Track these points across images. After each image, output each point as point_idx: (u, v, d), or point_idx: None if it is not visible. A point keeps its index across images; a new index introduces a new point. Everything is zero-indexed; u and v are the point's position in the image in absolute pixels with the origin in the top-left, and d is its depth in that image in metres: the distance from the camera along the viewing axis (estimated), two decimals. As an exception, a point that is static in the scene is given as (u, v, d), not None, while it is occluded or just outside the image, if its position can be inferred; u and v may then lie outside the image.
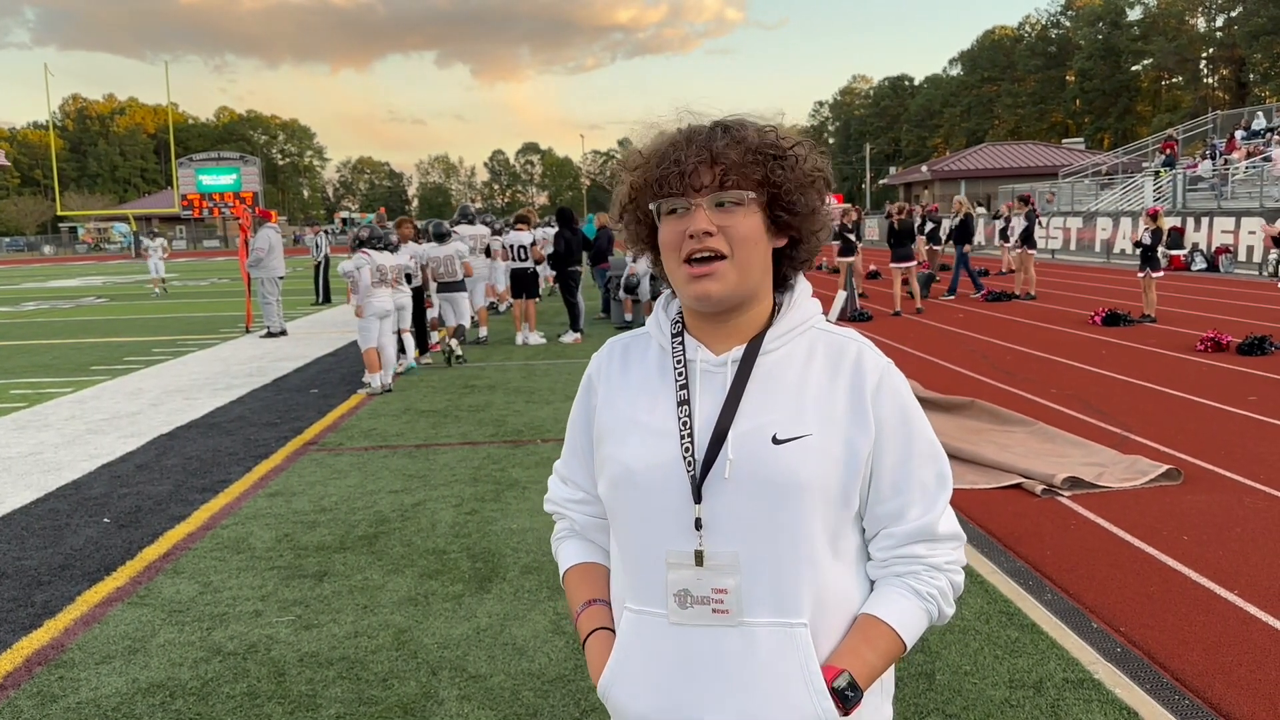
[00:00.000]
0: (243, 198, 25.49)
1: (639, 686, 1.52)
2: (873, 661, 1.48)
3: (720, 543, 1.46)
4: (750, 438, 1.46)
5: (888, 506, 1.50)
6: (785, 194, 1.47)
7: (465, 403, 9.90)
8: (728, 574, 1.45)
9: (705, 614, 1.47)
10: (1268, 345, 11.25)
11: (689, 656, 1.48)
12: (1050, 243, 31.59)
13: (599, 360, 1.68)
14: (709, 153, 1.44)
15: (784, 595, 1.45)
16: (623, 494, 1.54)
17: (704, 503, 1.46)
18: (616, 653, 1.55)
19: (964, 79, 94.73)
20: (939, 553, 1.51)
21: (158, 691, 3.91)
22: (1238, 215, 24.03)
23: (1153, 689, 3.72)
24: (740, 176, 1.45)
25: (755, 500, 1.45)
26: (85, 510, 6.50)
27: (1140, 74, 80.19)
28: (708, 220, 1.44)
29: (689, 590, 1.47)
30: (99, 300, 26.68)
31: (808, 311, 1.56)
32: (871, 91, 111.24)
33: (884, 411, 1.49)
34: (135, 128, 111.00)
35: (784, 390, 1.49)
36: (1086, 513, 5.82)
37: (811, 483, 1.44)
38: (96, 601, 4.89)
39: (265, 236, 16.32)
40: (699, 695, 1.48)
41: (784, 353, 1.52)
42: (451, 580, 5.01)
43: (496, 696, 3.78)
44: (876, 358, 1.52)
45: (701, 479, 1.46)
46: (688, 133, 1.48)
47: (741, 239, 1.45)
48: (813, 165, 1.51)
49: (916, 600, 1.50)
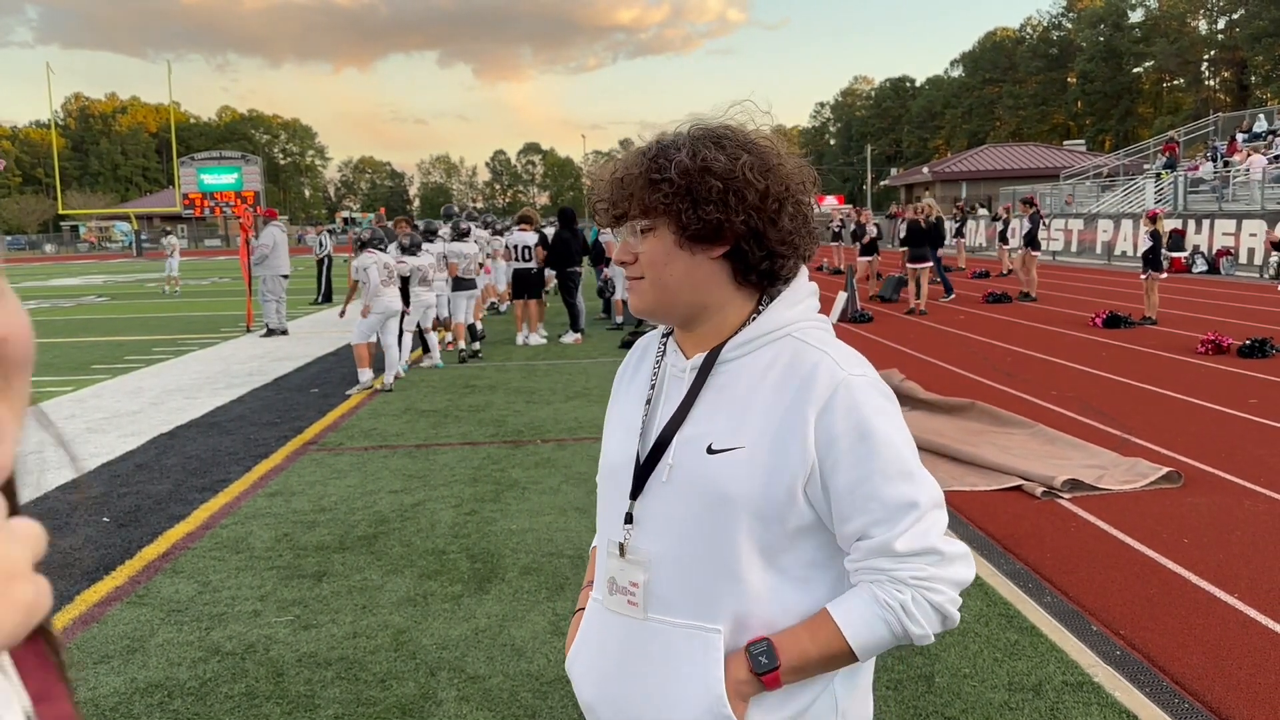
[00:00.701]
0: (244, 197, 25.50)
1: (585, 669, 1.63)
2: (807, 647, 1.44)
3: (642, 539, 1.53)
4: (690, 445, 1.50)
5: (849, 526, 1.45)
6: (680, 215, 1.45)
7: (465, 403, 9.90)
8: (641, 570, 1.52)
9: (622, 603, 1.55)
10: (1268, 348, 11.23)
11: (622, 646, 1.56)
12: (1051, 244, 31.58)
13: (627, 358, 1.77)
14: (623, 188, 1.50)
15: (703, 600, 1.48)
16: (601, 484, 1.67)
17: (640, 500, 1.54)
18: (581, 631, 1.67)
19: (965, 80, 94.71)
20: (904, 568, 1.42)
21: (156, 691, 3.91)
22: (1239, 217, 24.02)
23: (1152, 692, 3.71)
24: (638, 206, 1.48)
25: (686, 505, 1.49)
26: (84, 509, 6.50)
27: (1142, 76, 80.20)
28: (627, 248, 1.53)
29: (615, 579, 1.56)
30: (100, 299, 26.69)
31: (779, 320, 1.52)
32: (873, 92, 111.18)
33: (834, 429, 1.43)
34: (137, 127, 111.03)
35: (732, 400, 1.49)
36: (1087, 515, 5.82)
37: (737, 496, 1.44)
38: (95, 601, 4.89)
39: (270, 234, 16.31)
40: (626, 686, 1.55)
41: (744, 362, 1.51)
42: (450, 581, 5.00)
43: (495, 698, 3.78)
44: (834, 370, 1.45)
45: (639, 477, 1.54)
46: (610, 170, 1.54)
47: (649, 263, 1.50)
48: (721, 172, 1.43)
49: (874, 606, 1.43)
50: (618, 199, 1.51)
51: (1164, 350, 12.03)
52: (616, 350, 13.50)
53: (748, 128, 1.52)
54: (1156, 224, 14.79)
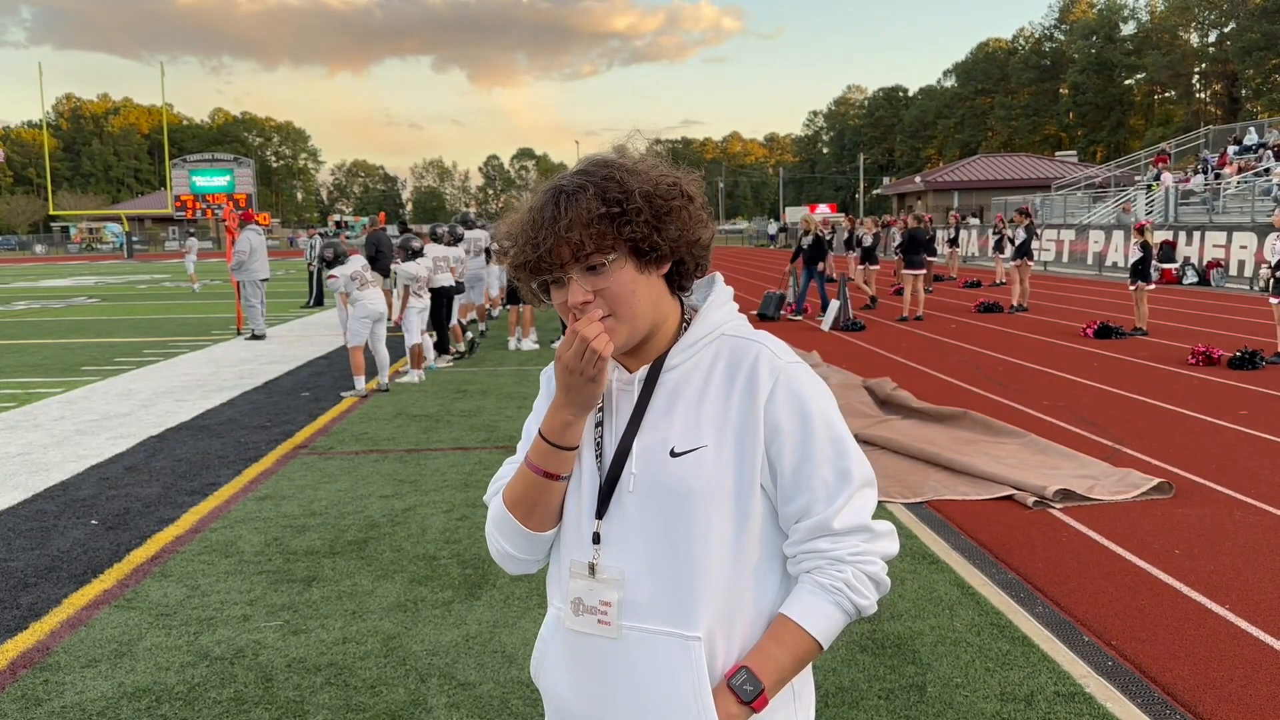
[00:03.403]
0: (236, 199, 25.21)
1: (557, 676, 1.62)
2: (780, 659, 1.50)
3: (613, 557, 1.53)
4: (650, 451, 1.52)
5: (792, 506, 1.52)
6: (642, 240, 1.49)
7: (457, 407, 9.87)
8: (613, 588, 1.52)
9: (591, 624, 1.55)
10: (1259, 359, 11.28)
11: (595, 657, 1.56)
12: (1043, 255, 31.67)
13: (547, 375, 1.70)
14: (554, 232, 1.46)
15: (680, 606, 1.50)
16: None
17: (605, 518, 1.54)
18: (539, 642, 1.67)
19: (958, 91, 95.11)
20: (842, 545, 1.51)
21: (144, 696, 3.88)
22: (1229, 229, 24.13)
23: (1144, 703, 3.71)
24: (595, 244, 1.47)
25: (655, 513, 1.51)
26: (73, 512, 6.46)
27: (1133, 88, 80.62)
28: (582, 291, 1.49)
29: (581, 599, 1.55)
30: (90, 300, 26.59)
31: (715, 320, 1.59)
32: (866, 102, 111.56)
33: (778, 415, 1.50)
34: (129, 128, 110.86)
35: (685, 404, 1.54)
36: (1078, 525, 5.82)
37: (706, 493, 1.50)
38: (83, 604, 4.86)
39: (247, 239, 16.21)
40: (602, 694, 1.56)
41: (689, 366, 1.56)
42: (441, 586, 4.98)
43: (485, 704, 3.76)
44: (774, 359, 1.53)
45: (605, 495, 1.54)
46: (536, 212, 1.50)
47: (616, 297, 1.49)
48: (664, 193, 1.50)
49: (824, 595, 1.51)
50: (556, 244, 1.47)
51: (1155, 361, 12.06)
52: (609, 356, 13.46)
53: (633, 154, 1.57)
54: (1145, 235, 14.85)
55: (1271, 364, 11.43)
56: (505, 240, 1.57)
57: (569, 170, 1.57)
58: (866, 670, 3.99)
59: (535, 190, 1.56)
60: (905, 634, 4.33)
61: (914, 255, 17.32)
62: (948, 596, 4.76)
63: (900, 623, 4.45)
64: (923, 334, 15.48)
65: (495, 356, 13.82)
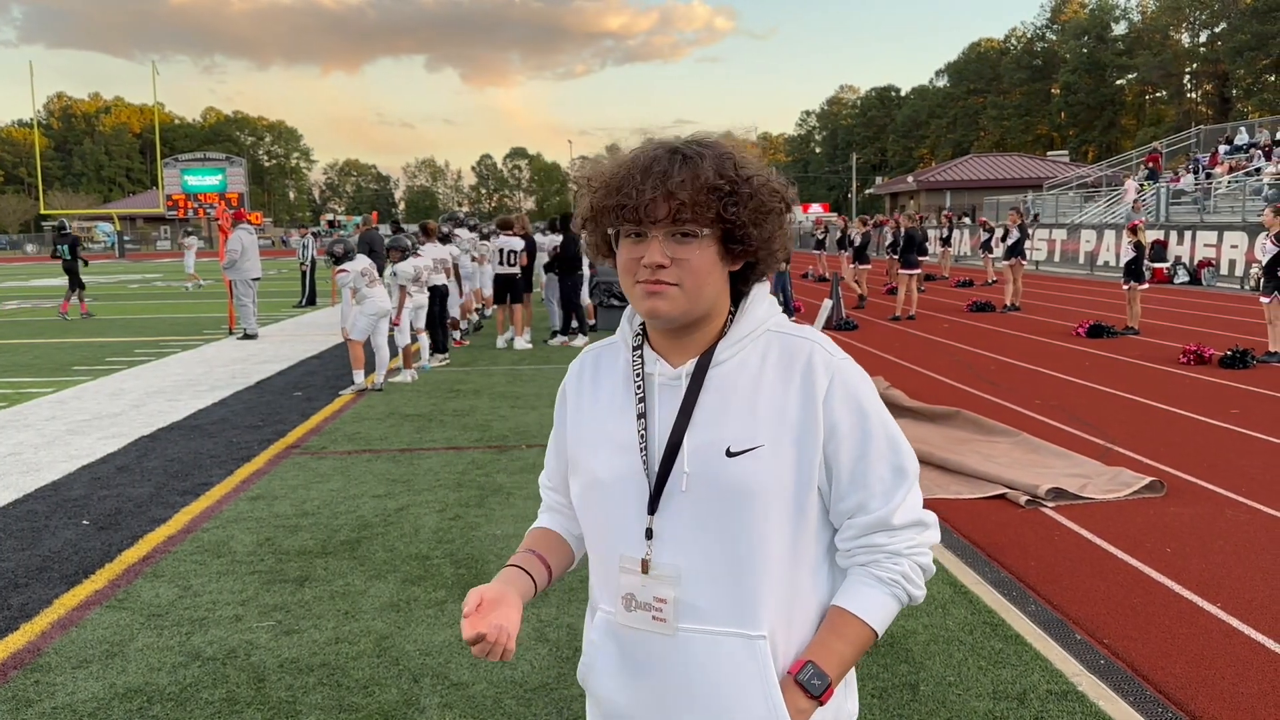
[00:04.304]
0: (228, 199, 25.18)
1: (610, 679, 1.60)
2: (842, 651, 1.52)
3: (668, 553, 1.51)
4: (704, 450, 1.50)
5: (847, 502, 1.53)
6: (739, 227, 1.47)
7: (450, 407, 9.86)
8: (668, 585, 1.51)
9: (645, 619, 1.53)
10: (1249, 358, 11.32)
11: (653, 659, 1.54)
12: (1035, 254, 31.74)
13: (570, 373, 1.73)
14: (664, 187, 1.43)
15: (743, 606, 1.49)
16: (591, 501, 1.61)
17: (658, 514, 1.52)
18: (588, 646, 1.64)
19: (950, 90, 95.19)
20: (899, 539, 1.53)
21: (135, 696, 3.87)
22: (1220, 229, 24.20)
23: (1136, 701, 3.72)
24: (695, 212, 1.44)
25: (711, 512, 1.49)
26: (64, 512, 6.43)
27: (1125, 88, 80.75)
28: (662, 253, 1.46)
29: (634, 595, 1.54)
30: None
31: (760, 316, 1.58)
32: (859, 101, 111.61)
33: (837, 412, 1.51)
34: (121, 127, 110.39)
35: (737, 400, 1.52)
36: (1070, 524, 5.84)
37: (765, 493, 1.48)
38: (74, 605, 4.84)
39: (238, 238, 16.17)
40: (663, 696, 1.54)
41: (737, 361, 1.54)
42: (434, 586, 4.97)
43: (478, 704, 3.76)
44: (828, 357, 1.53)
45: (657, 491, 1.52)
46: (645, 161, 1.47)
47: (693, 270, 1.47)
48: (770, 193, 1.50)
49: (881, 587, 1.53)
50: (658, 199, 1.44)
51: (1146, 360, 12.09)
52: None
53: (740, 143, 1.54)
54: (1138, 235, 14.90)
55: (1262, 363, 11.47)
56: (592, 181, 1.53)
57: (673, 137, 1.54)
58: (859, 668, 3.99)
59: (640, 146, 1.52)
60: (898, 632, 4.34)
61: (910, 255, 17.38)
62: (940, 595, 4.76)
63: (893, 621, 4.45)
64: (915, 333, 15.50)
65: (488, 356, 13.81)
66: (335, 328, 17.05)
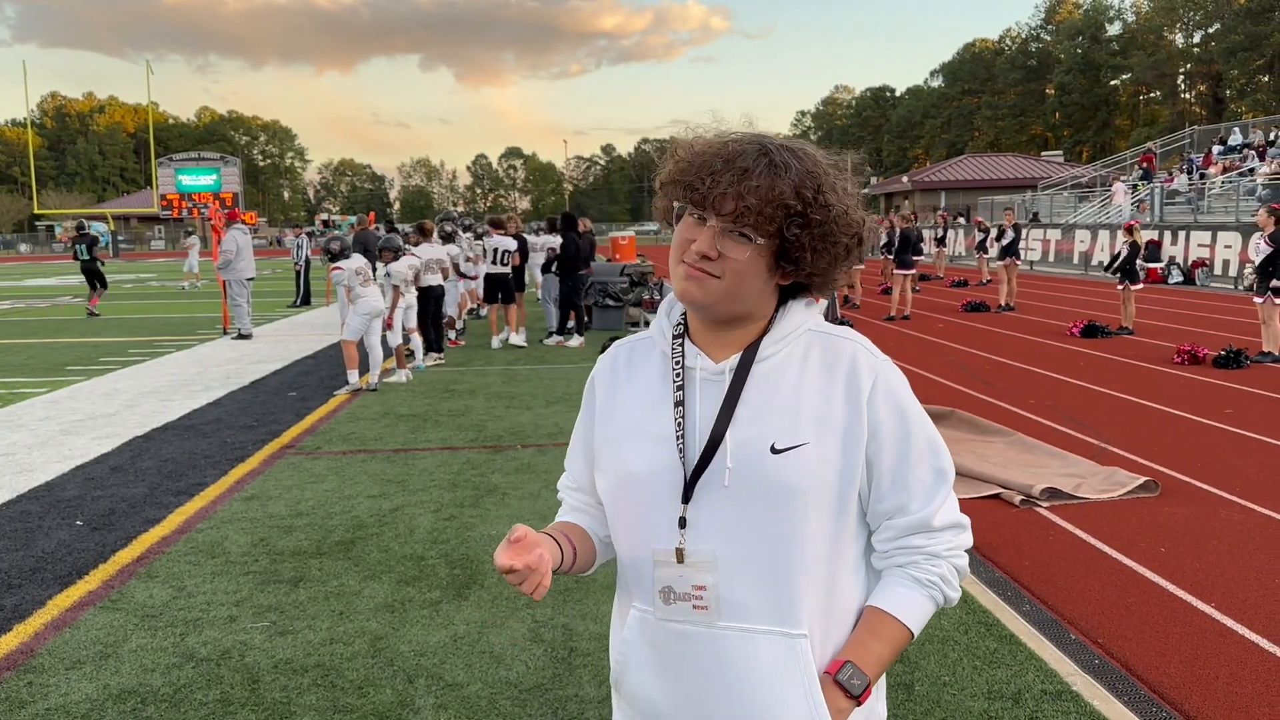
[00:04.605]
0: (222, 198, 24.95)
1: (645, 678, 1.58)
2: (879, 651, 1.52)
3: (701, 541, 1.50)
4: (747, 446, 1.48)
5: (887, 503, 1.53)
6: (796, 249, 1.46)
7: (445, 407, 9.85)
8: (706, 571, 1.49)
9: (686, 610, 1.51)
10: (1243, 358, 11.35)
11: (690, 657, 1.52)
12: (1029, 254, 31.81)
13: (602, 365, 1.71)
14: (738, 186, 1.43)
15: (784, 604, 1.48)
16: (623, 495, 1.59)
17: (692, 504, 1.50)
18: (621, 646, 1.61)
19: (945, 91, 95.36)
20: (938, 541, 1.54)
21: (129, 698, 3.85)
22: (1214, 229, 24.26)
23: (1130, 701, 3.72)
24: (757, 220, 1.43)
25: (753, 508, 1.48)
26: (58, 512, 6.41)
27: (1119, 88, 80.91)
28: (712, 245, 1.45)
29: (672, 587, 1.51)
30: (76, 300, 26.44)
31: (801, 316, 1.57)
32: (853, 102, 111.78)
33: (880, 413, 1.51)
34: (115, 126, 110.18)
35: (781, 397, 1.51)
36: (1064, 524, 5.84)
37: (809, 491, 1.47)
38: (68, 606, 4.82)
39: (233, 238, 16.15)
40: (701, 695, 1.52)
41: (780, 358, 1.54)
42: (429, 587, 4.97)
43: (473, 705, 3.75)
44: (871, 358, 1.53)
45: (692, 481, 1.50)
46: (731, 152, 1.46)
47: (736, 272, 1.46)
48: (846, 226, 1.48)
49: (919, 589, 1.54)
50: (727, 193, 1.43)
51: (1140, 360, 12.12)
52: (596, 355, 13.44)
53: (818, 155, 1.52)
54: (1134, 235, 14.93)
55: (1256, 363, 11.50)
56: (678, 150, 1.52)
57: (781, 136, 1.53)
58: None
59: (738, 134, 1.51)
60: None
61: (905, 255, 17.42)
62: (935, 595, 4.76)
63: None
64: (910, 333, 15.52)
65: (483, 356, 13.79)
66: (329, 328, 17.06)
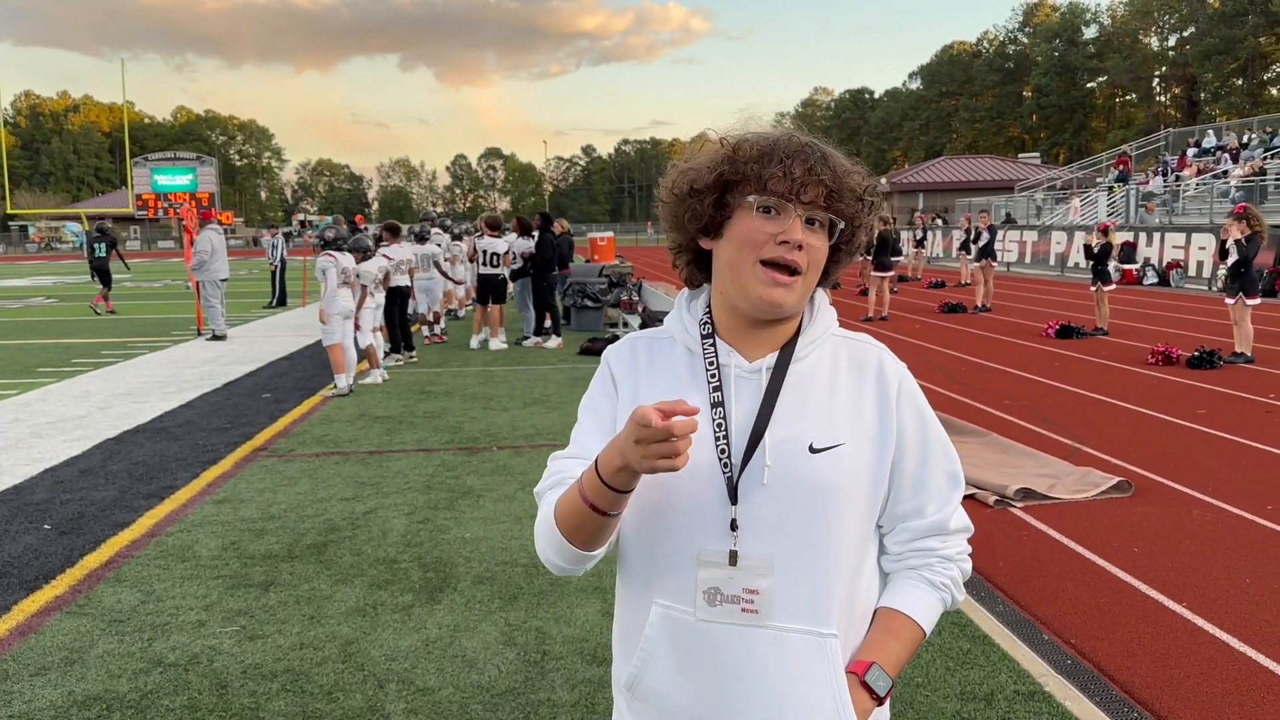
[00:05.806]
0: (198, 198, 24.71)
1: (667, 675, 1.53)
2: (898, 651, 1.54)
3: (755, 544, 1.48)
4: (787, 445, 1.49)
5: (906, 506, 1.57)
6: (847, 232, 1.53)
7: (421, 408, 9.79)
8: (762, 575, 1.48)
9: (734, 613, 1.48)
10: (1217, 359, 11.44)
11: (718, 655, 1.50)
12: (1005, 256, 31.98)
13: (618, 350, 1.66)
14: (816, 173, 1.46)
15: (817, 604, 1.49)
16: (655, 492, 1.52)
17: (739, 505, 1.48)
18: (643, 644, 1.55)
19: (923, 93, 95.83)
20: (950, 545, 1.59)
21: (95, 704, 3.80)
22: (1188, 231, 24.47)
23: (1102, 701, 3.73)
24: (837, 205, 1.49)
25: (791, 506, 1.48)
26: (25, 516, 6.33)
27: (1095, 91, 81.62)
28: (795, 236, 1.47)
29: (719, 589, 1.49)
30: (48, 301, 26.18)
31: (828, 319, 1.61)
32: (833, 103, 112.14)
33: (904, 418, 1.55)
34: (90, 126, 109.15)
35: (816, 398, 1.53)
36: (1038, 524, 5.86)
37: (845, 491, 1.50)
38: (34, 611, 4.75)
39: (207, 238, 16.02)
40: (727, 693, 1.50)
41: (813, 360, 1.56)
42: (401, 590, 4.93)
43: (445, 710, 3.72)
44: (895, 364, 1.59)
45: (737, 481, 1.49)
46: (793, 144, 1.49)
47: (814, 262, 1.50)
48: (871, 205, 1.55)
49: (932, 590, 1.57)
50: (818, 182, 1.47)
51: (1115, 361, 12.20)
52: (575, 356, 13.44)
53: None
54: (1109, 236, 15.02)
55: (1229, 363, 11.59)
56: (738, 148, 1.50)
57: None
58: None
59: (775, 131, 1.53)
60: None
61: (882, 257, 17.48)
62: (909, 596, 4.76)
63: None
64: (887, 334, 15.56)
65: (460, 357, 13.73)
66: (305, 329, 16.95)
